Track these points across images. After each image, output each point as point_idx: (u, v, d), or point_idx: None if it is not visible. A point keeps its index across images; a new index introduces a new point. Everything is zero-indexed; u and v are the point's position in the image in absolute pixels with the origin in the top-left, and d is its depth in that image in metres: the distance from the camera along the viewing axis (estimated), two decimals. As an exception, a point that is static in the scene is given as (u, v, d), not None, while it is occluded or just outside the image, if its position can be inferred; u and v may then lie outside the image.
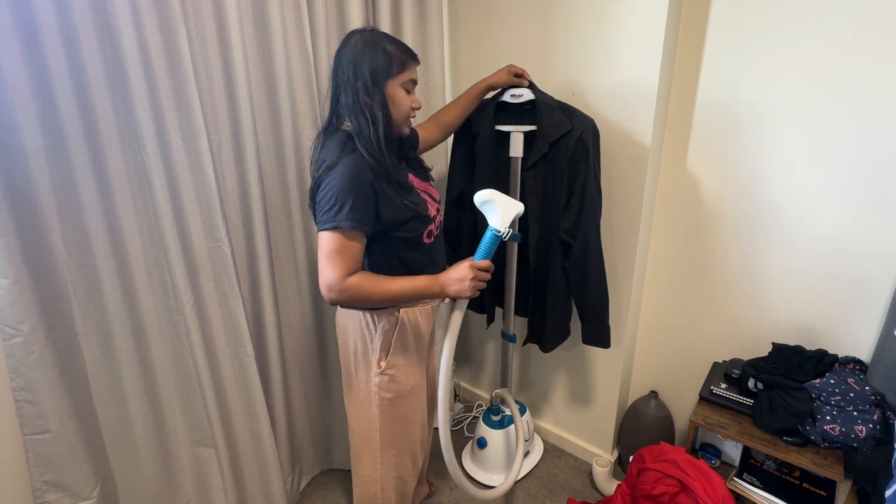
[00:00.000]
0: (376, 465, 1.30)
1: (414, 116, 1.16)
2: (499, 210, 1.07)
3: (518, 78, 1.43)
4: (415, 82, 1.13)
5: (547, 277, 1.54)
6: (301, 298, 1.57)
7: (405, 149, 1.23)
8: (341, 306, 1.22)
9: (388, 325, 1.18)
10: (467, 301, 1.13)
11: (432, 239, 1.20)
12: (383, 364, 1.19)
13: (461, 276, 1.07)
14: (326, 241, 1.02)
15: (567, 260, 1.46)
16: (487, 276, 1.09)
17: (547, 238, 1.51)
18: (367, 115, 1.04)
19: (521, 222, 1.51)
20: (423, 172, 1.27)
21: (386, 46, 1.06)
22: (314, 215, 1.07)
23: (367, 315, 1.17)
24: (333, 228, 1.00)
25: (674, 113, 1.53)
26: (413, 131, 1.28)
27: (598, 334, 1.52)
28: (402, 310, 1.18)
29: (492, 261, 1.11)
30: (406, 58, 1.09)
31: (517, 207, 1.10)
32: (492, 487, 1.77)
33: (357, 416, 1.28)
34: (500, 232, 1.07)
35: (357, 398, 1.26)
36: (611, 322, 1.53)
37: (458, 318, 1.14)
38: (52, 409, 1.05)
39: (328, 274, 1.02)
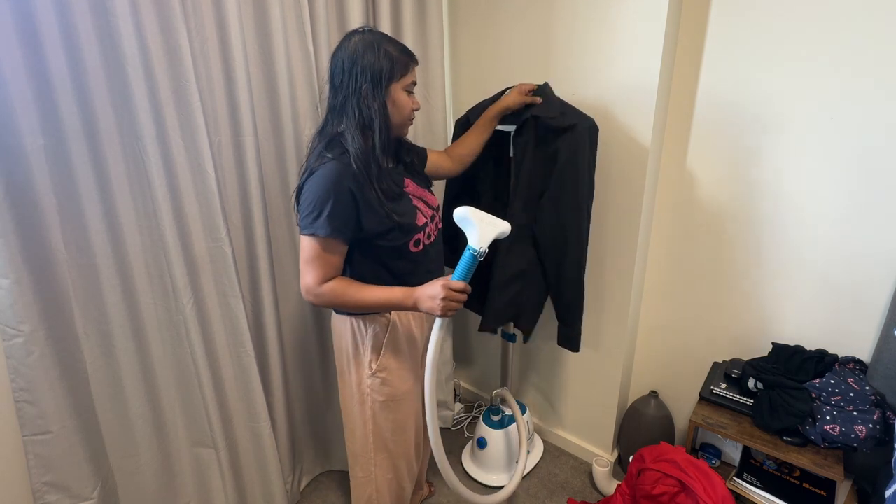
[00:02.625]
0: (370, 468, 1.30)
1: (413, 118, 1.16)
2: (477, 229, 1.00)
3: (531, 96, 1.37)
4: (415, 83, 1.12)
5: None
6: (301, 298, 1.57)
7: (403, 151, 1.21)
8: (334, 310, 1.23)
9: (379, 328, 1.18)
10: (449, 319, 1.06)
11: (420, 247, 1.16)
12: (374, 366, 1.19)
13: (433, 293, 1.01)
14: (305, 246, 1.04)
15: (545, 253, 1.44)
16: (462, 297, 1.01)
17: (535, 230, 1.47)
18: (366, 119, 1.04)
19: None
20: (423, 179, 1.26)
21: (387, 48, 1.04)
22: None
23: (359, 317, 1.17)
24: (311, 235, 1.02)
25: (674, 113, 1.53)
26: (421, 148, 1.30)
27: (569, 335, 1.51)
28: (393, 313, 1.18)
29: (469, 282, 1.03)
30: (407, 60, 1.08)
31: (500, 227, 1.01)
32: (491, 487, 1.78)
33: (351, 418, 1.28)
34: (478, 252, 0.99)
35: (351, 400, 1.26)
36: (611, 322, 1.53)
37: (437, 334, 1.07)
38: (53, 410, 1.05)
39: (306, 278, 1.05)
